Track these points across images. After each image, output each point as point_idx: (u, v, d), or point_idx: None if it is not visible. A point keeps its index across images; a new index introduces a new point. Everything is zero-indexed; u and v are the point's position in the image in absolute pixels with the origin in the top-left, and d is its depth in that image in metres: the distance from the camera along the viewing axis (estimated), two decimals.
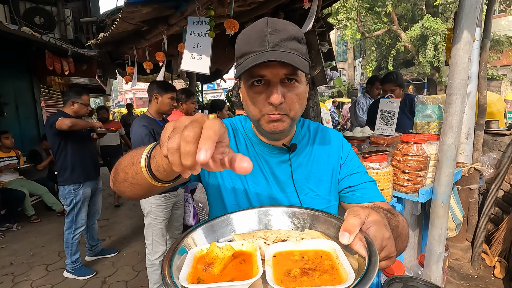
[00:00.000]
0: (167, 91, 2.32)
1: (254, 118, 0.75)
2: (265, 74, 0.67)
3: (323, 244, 0.54)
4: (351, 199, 0.85)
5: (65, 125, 2.53)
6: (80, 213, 2.81)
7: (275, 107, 0.68)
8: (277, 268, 0.49)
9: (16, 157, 4.49)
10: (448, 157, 1.61)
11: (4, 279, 2.87)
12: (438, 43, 12.70)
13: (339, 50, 21.13)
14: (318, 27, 4.47)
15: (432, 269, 1.76)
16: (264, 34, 0.66)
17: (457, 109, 1.55)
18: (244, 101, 0.76)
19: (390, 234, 0.50)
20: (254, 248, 0.54)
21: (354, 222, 0.47)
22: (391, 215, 0.64)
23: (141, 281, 2.75)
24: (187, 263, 0.49)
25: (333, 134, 0.92)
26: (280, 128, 0.72)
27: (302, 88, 0.72)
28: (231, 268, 0.50)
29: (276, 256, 0.52)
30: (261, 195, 0.82)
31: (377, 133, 2.06)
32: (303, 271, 0.48)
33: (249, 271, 0.49)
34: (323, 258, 0.51)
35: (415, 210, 2.09)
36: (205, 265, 0.49)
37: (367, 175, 0.87)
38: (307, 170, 0.84)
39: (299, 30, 0.70)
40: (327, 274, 0.47)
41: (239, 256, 0.53)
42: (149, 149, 0.54)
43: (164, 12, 2.24)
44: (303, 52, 0.69)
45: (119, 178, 0.64)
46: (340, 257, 0.49)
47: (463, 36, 1.45)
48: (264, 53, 0.65)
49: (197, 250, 0.54)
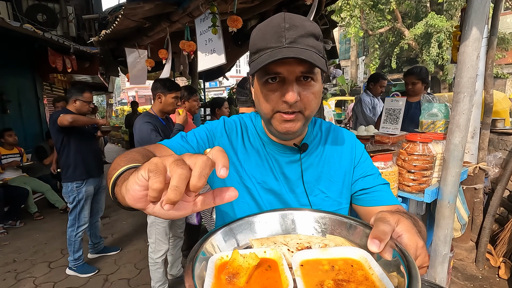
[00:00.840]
0: (171, 90, 2.29)
1: (266, 117, 0.72)
2: (281, 72, 0.64)
3: (352, 252, 0.51)
4: (364, 201, 0.83)
5: (66, 121, 2.52)
6: (83, 211, 2.81)
7: (289, 105, 0.66)
8: (308, 279, 0.46)
9: (19, 154, 4.50)
10: (455, 156, 1.58)
11: (7, 276, 2.88)
12: (442, 41, 12.58)
13: (342, 48, 21.00)
14: (321, 25, 4.43)
15: (437, 270, 1.74)
16: (281, 30, 0.63)
17: (464, 107, 1.52)
18: (257, 98, 0.73)
19: (423, 243, 0.48)
20: (278, 255, 0.50)
21: (385, 229, 0.45)
22: (414, 220, 0.61)
23: (143, 279, 2.75)
24: (209, 272, 0.46)
25: (345, 134, 0.89)
26: (293, 129, 0.69)
27: (318, 86, 0.69)
28: (257, 276, 0.47)
29: (303, 266, 0.49)
30: (270, 195, 0.80)
31: (382, 132, 2.04)
32: (337, 283, 0.44)
33: (278, 279, 0.46)
34: (355, 268, 0.48)
35: (419, 210, 2.06)
36: (230, 275, 0.45)
37: (380, 177, 0.85)
38: (318, 171, 0.82)
39: (317, 27, 0.67)
40: (362, 285, 0.43)
41: (263, 263, 0.49)
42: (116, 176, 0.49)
43: (167, 9, 2.22)
44: (320, 49, 0.66)
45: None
46: (373, 267, 0.46)
47: (472, 33, 1.42)
48: (281, 49, 0.62)
49: (217, 257, 0.50)
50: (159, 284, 2.34)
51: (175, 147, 0.77)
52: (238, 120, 0.88)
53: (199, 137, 0.82)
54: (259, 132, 0.84)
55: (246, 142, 0.83)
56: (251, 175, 0.80)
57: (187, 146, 0.79)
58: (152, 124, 2.13)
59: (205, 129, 0.85)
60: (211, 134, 0.84)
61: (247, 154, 0.82)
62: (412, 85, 2.84)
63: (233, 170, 0.81)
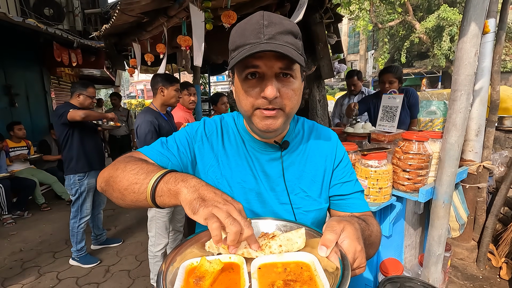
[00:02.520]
0: (172, 83, 2.31)
1: (246, 114, 0.72)
2: (259, 65, 0.65)
3: (304, 256, 0.58)
4: (339, 207, 0.85)
5: (79, 116, 2.59)
6: (85, 203, 2.87)
7: (269, 101, 0.66)
8: (262, 280, 0.53)
9: (27, 147, 4.62)
10: (451, 156, 1.55)
11: (13, 264, 2.99)
12: (454, 34, 12.24)
13: (351, 41, 20.65)
14: (326, 18, 4.35)
15: (431, 270, 1.72)
16: (259, 26, 0.63)
17: (461, 106, 1.47)
18: (237, 96, 0.73)
19: (362, 247, 0.56)
20: (241, 260, 0.57)
21: (330, 237, 0.54)
22: (366, 225, 0.69)
23: (143, 271, 2.81)
24: (179, 277, 0.53)
25: (328, 134, 0.89)
26: (273, 126, 0.69)
27: (297, 84, 0.69)
28: (221, 279, 0.54)
29: (261, 268, 0.56)
30: (249, 194, 0.80)
31: (378, 130, 2.00)
32: (286, 283, 0.52)
33: (238, 280, 0.53)
34: (303, 270, 0.55)
35: (417, 209, 2.03)
36: (196, 278, 0.52)
37: (358, 183, 0.87)
38: (300, 169, 0.82)
39: (296, 26, 0.67)
40: (306, 285, 0.51)
41: (228, 267, 0.56)
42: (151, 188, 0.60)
43: (163, 4, 2.22)
44: (299, 47, 0.67)
45: (113, 194, 0.68)
46: (318, 269, 0.53)
47: (470, 28, 1.37)
48: (259, 44, 0.62)
49: (188, 263, 0.56)
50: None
51: (155, 157, 0.77)
52: (218, 120, 0.88)
53: (180, 143, 0.82)
54: (240, 131, 0.84)
55: (226, 143, 0.83)
56: (230, 176, 0.80)
57: (167, 153, 0.79)
58: (152, 125, 2.14)
59: (185, 133, 0.85)
60: (191, 137, 0.84)
61: (227, 155, 0.82)
62: (389, 84, 2.80)
63: (211, 169, 0.81)
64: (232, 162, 0.81)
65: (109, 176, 0.69)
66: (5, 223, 3.93)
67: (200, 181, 0.58)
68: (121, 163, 0.69)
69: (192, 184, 0.57)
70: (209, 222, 0.49)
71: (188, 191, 0.55)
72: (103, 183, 0.71)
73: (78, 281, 2.69)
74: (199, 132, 0.85)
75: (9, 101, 4.98)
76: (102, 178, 0.72)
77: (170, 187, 0.58)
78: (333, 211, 0.87)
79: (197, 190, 0.56)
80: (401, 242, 2.05)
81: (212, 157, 0.82)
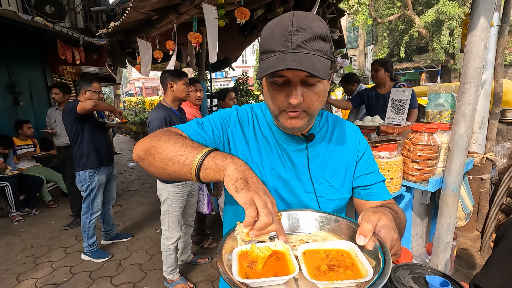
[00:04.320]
0: (181, 77, 2.33)
1: (273, 113, 0.77)
2: (286, 75, 0.68)
3: (343, 244, 0.64)
4: (363, 196, 0.89)
5: (89, 105, 2.60)
6: (96, 199, 2.92)
7: (293, 106, 0.70)
8: (308, 264, 0.58)
9: (33, 145, 4.64)
10: (460, 146, 1.60)
11: (26, 260, 3.04)
12: (454, 28, 12.24)
13: (350, 36, 20.59)
14: (328, 13, 4.37)
15: (439, 258, 1.78)
16: (287, 34, 0.65)
17: (470, 98, 1.52)
18: (265, 95, 0.78)
19: (398, 235, 0.61)
20: (286, 248, 0.63)
21: (368, 227, 0.58)
22: (396, 214, 0.74)
23: (155, 264, 2.87)
24: (234, 261, 0.59)
25: (351, 128, 0.93)
26: (298, 125, 0.74)
27: (322, 86, 0.72)
28: (270, 264, 0.59)
29: (305, 254, 0.62)
30: (277, 180, 0.84)
31: (387, 122, 2.05)
32: (330, 267, 0.57)
33: (286, 266, 0.58)
34: (344, 256, 0.60)
35: (424, 199, 2.09)
36: (249, 262, 0.58)
37: (380, 173, 0.92)
38: (324, 161, 0.86)
39: (326, 27, 0.68)
40: (349, 270, 0.56)
41: (274, 254, 0.61)
42: (199, 160, 0.63)
43: (174, 1, 2.24)
44: (326, 51, 0.68)
45: (154, 163, 0.70)
46: (359, 256, 0.58)
47: (480, 22, 1.41)
48: (286, 54, 0.64)
49: (239, 250, 0.62)
50: (171, 269, 2.44)
51: (191, 134, 0.81)
52: (249, 109, 0.92)
53: (214, 125, 0.86)
54: (268, 122, 0.88)
55: (257, 131, 0.88)
56: (260, 162, 0.85)
57: (202, 133, 0.83)
58: (163, 120, 2.15)
59: (219, 117, 0.89)
60: (225, 122, 0.88)
61: (257, 143, 0.87)
62: (375, 72, 3.09)
63: (249, 158, 0.86)
64: (262, 149, 0.86)
65: (151, 145, 0.71)
66: (13, 220, 3.97)
67: (245, 163, 0.63)
68: (163, 135, 0.72)
69: (239, 163, 0.61)
70: (249, 208, 0.54)
71: (235, 169, 0.60)
72: (141, 152, 0.73)
73: (91, 275, 2.75)
74: (232, 117, 0.89)
75: (13, 99, 4.99)
76: (141, 146, 0.74)
77: (218, 162, 0.62)
78: (358, 200, 0.91)
79: (243, 171, 0.60)
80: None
81: (243, 143, 0.86)
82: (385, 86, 3.12)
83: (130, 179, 6.12)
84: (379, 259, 0.55)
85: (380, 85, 3.18)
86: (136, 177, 6.28)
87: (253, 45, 20.83)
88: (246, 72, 9.00)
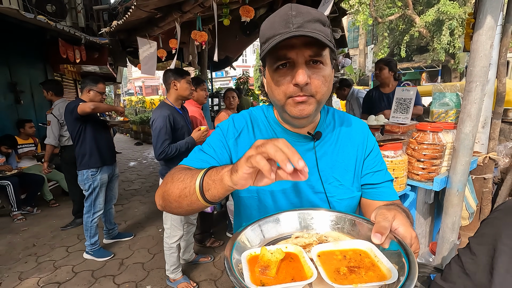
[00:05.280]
0: (183, 75, 2.33)
1: (279, 103, 0.74)
2: (290, 56, 0.67)
3: (359, 243, 0.60)
4: (370, 195, 0.87)
5: (88, 108, 2.61)
6: (98, 198, 2.91)
7: (300, 88, 0.68)
8: (326, 267, 0.54)
9: (34, 144, 4.64)
10: (465, 146, 1.60)
11: (28, 259, 3.03)
12: (454, 28, 12.24)
13: (350, 36, 20.59)
14: (331, 13, 4.37)
15: (444, 257, 1.78)
16: (288, 17, 0.65)
17: (476, 97, 1.52)
18: (269, 87, 0.76)
19: (416, 233, 0.57)
20: (298, 250, 0.59)
21: (385, 225, 0.54)
22: (406, 213, 0.71)
23: (157, 263, 2.87)
24: (245, 267, 0.53)
25: (359, 124, 0.91)
26: (306, 112, 0.71)
27: (327, 70, 0.71)
28: (283, 267, 0.55)
29: (320, 256, 0.57)
30: (285, 184, 0.82)
31: (392, 121, 2.05)
32: (350, 269, 0.53)
33: (301, 268, 0.54)
34: (362, 256, 0.56)
35: (428, 198, 2.09)
36: (262, 268, 0.53)
37: (388, 173, 0.89)
38: (333, 159, 0.84)
39: (323, 14, 0.69)
40: (370, 271, 0.52)
41: (287, 257, 0.57)
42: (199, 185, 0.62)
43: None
44: (327, 34, 0.68)
45: (172, 206, 0.70)
46: (378, 255, 0.55)
47: (486, 21, 1.41)
48: (289, 33, 0.64)
49: (247, 254, 0.57)
50: (174, 268, 2.44)
51: (195, 164, 0.80)
52: (247, 115, 0.90)
53: (215, 145, 0.85)
54: (271, 123, 0.86)
55: (258, 136, 0.86)
56: None
57: (205, 157, 0.82)
58: (167, 119, 2.16)
59: (217, 135, 0.87)
60: (223, 136, 0.86)
61: None
62: (379, 71, 3.11)
63: None
64: None
65: (163, 192, 0.72)
66: (15, 219, 3.96)
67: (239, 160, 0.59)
68: (168, 178, 0.72)
69: (231, 166, 0.58)
70: (252, 159, 0.50)
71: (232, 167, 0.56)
72: (160, 201, 0.74)
73: (93, 274, 2.74)
74: (230, 129, 0.87)
75: (14, 98, 4.98)
76: (158, 197, 0.75)
77: (214, 178, 0.59)
78: (363, 199, 0.88)
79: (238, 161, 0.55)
80: None
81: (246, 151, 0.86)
82: (389, 86, 3.15)
83: (131, 178, 6.11)
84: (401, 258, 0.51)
85: (383, 85, 3.20)
86: (137, 176, 6.27)
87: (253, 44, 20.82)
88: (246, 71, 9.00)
